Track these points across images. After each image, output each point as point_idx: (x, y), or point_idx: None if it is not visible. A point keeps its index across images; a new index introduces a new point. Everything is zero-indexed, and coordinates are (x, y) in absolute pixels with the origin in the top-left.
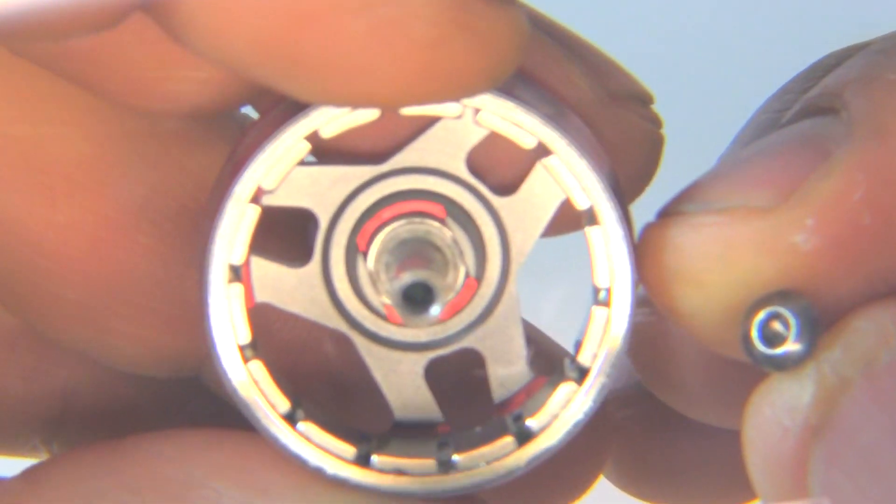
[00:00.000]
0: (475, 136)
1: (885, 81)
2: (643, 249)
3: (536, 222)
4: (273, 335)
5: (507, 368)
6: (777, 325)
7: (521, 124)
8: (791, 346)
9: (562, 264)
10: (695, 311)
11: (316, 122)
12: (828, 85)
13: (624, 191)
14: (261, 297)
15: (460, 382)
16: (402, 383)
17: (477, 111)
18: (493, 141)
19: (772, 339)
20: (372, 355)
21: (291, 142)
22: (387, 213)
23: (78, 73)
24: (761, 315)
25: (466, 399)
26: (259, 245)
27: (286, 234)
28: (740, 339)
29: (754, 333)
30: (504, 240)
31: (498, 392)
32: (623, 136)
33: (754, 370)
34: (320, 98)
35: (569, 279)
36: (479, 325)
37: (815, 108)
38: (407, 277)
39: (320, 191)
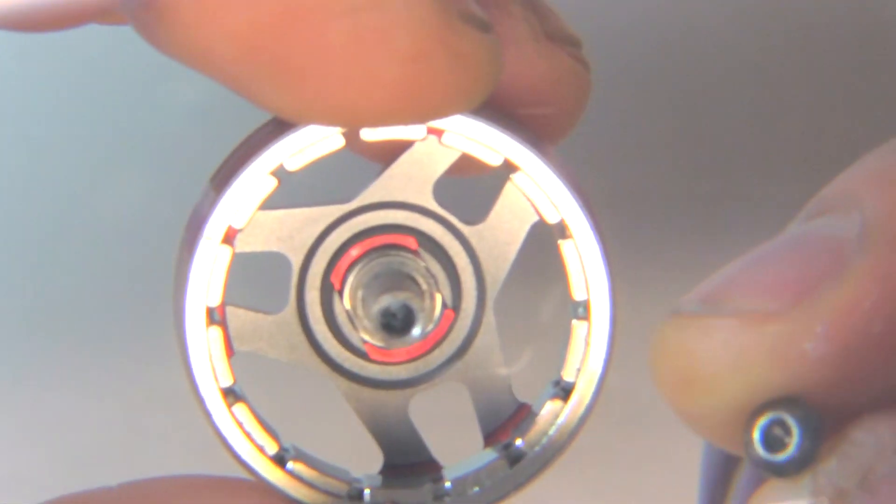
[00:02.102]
0: (441, 165)
1: None
2: (656, 349)
3: (508, 249)
4: None
5: (492, 399)
6: (779, 431)
7: (486, 142)
8: (791, 453)
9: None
10: (705, 415)
11: (281, 155)
12: (842, 181)
13: (591, 202)
14: (239, 346)
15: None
16: (389, 423)
17: (441, 133)
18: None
19: (773, 444)
20: (355, 397)
21: (258, 177)
22: (358, 248)
23: None
24: (764, 420)
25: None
26: (232, 294)
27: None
28: (743, 443)
29: (756, 437)
30: (478, 269)
31: (485, 424)
32: (556, 73)
33: None
34: (294, 109)
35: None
36: (460, 358)
37: (829, 205)
38: (386, 300)
39: (290, 234)
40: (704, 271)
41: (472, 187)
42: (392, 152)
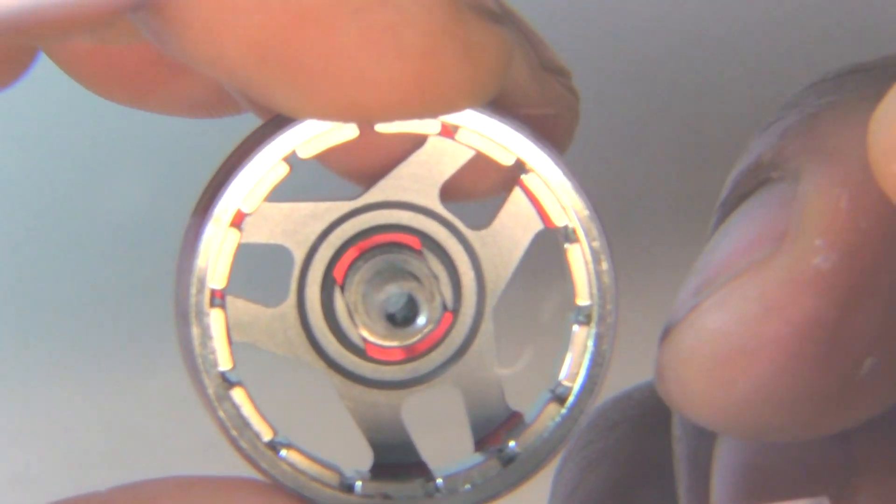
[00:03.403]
0: (448, 168)
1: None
2: (662, 367)
3: (511, 257)
4: None
5: (485, 406)
6: None
7: (500, 141)
8: None
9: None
10: (741, 391)
11: (293, 141)
12: (778, 148)
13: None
14: (237, 336)
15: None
16: (380, 422)
17: (456, 129)
18: (468, 169)
19: None
20: (348, 395)
21: (270, 162)
22: (362, 245)
23: (76, 72)
24: None
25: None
26: (232, 285)
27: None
28: None
29: None
30: (479, 274)
31: (477, 429)
32: (550, 102)
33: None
34: (307, 108)
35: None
36: (455, 362)
37: (762, 179)
38: (390, 289)
39: (294, 227)
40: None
41: None
42: (374, 175)
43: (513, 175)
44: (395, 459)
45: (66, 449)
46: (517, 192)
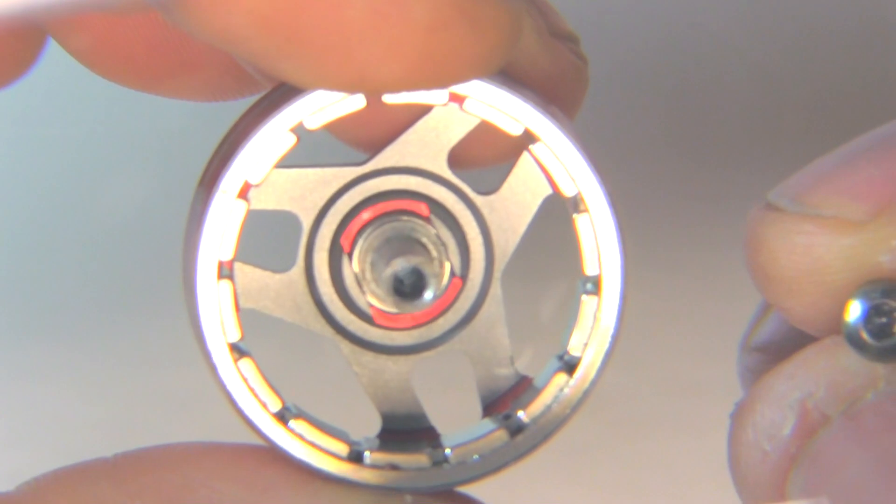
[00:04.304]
0: (456, 133)
1: None
2: (748, 238)
3: (519, 221)
4: None
5: (494, 370)
6: (882, 319)
7: (508, 111)
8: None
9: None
10: (788, 308)
11: (301, 113)
12: None
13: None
14: (245, 303)
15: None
16: (389, 388)
17: (464, 99)
18: (475, 136)
19: (878, 332)
20: (357, 361)
21: (277, 133)
22: (370, 212)
23: (87, 58)
24: (862, 310)
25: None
26: (242, 250)
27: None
28: (845, 337)
29: (862, 330)
30: (487, 239)
31: (485, 395)
32: (559, 68)
33: None
34: (316, 81)
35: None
36: (463, 327)
37: None
38: (398, 263)
39: (302, 194)
40: (702, 268)
41: None
42: (382, 143)
43: (521, 144)
44: (404, 426)
45: (65, 448)
46: (525, 157)
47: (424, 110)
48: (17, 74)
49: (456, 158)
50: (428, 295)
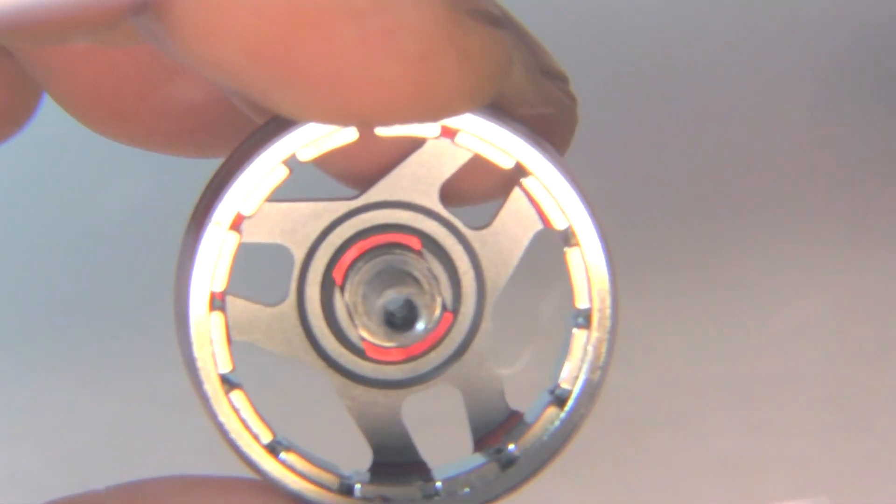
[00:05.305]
0: (448, 168)
1: None
2: None
3: (510, 256)
4: None
5: (485, 405)
6: None
7: (499, 144)
8: None
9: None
10: None
11: (294, 145)
12: None
13: (598, 211)
14: (236, 336)
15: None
16: (380, 422)
17: (455, 133)
18: (467, 172)
19: None
20: (348, 395)
21: (270, 165)
22: (362, 246)
23: (75, 108)
24: None
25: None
26: (234, 284)
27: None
28: None
29: None
30: (479, 274)
31: (476, 429)
32: (549, 106)
33: None
34: (308, 113)
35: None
36: (454, 362)
37: None
38: (389, 295)
39: (294, 227)
40: (703, 269)
41: None
42: (373, 179)
43: (512, 178)
44: (395, 459)
45: (65, 448)
46: (517, 192)
47: (416, 146)
48: (12, 131)
49: (448, 195)
50: (420, 326)
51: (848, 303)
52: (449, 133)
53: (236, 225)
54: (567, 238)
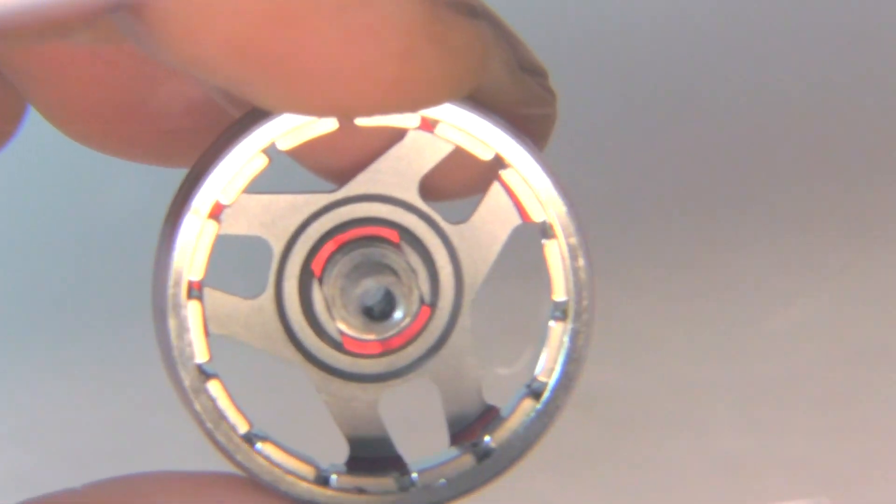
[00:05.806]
0: (427, 162)
1: None
2: None
3: (488, 251)
4: None
5: (462, 400)
6: None
7: (478, 135)
8: None
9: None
10: None
11: (273, 133)
12: None
13: (576, 203)
14: (214, 329)
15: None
16: (357, 416)
17: (435, 125)
18: (446, 166)
19: None
20: (326, 388)
21: (249, 153)
22: (340, 238)
23: (56, 116)
24: None
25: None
26: (210, 277)
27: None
28: None
29: None
30: (457, 268)
31: (453, 424)
32: (528, 101)
33: None
34: (289, 107)
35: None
36: (432, 356)
37: None
38: (367, 284)
39: (273, 219)
40: (703, 269)
41: None
42: (352, 173)
43: (492, 171)
44: (372, 453)
45: (65, 449)
46: (496, 187)
47: (395, 139)
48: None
49: (427, 189)
50: (397, 315)
51: (848, 303)
52: (428, 125)
53: (215, 214)
54: (545, 230)
